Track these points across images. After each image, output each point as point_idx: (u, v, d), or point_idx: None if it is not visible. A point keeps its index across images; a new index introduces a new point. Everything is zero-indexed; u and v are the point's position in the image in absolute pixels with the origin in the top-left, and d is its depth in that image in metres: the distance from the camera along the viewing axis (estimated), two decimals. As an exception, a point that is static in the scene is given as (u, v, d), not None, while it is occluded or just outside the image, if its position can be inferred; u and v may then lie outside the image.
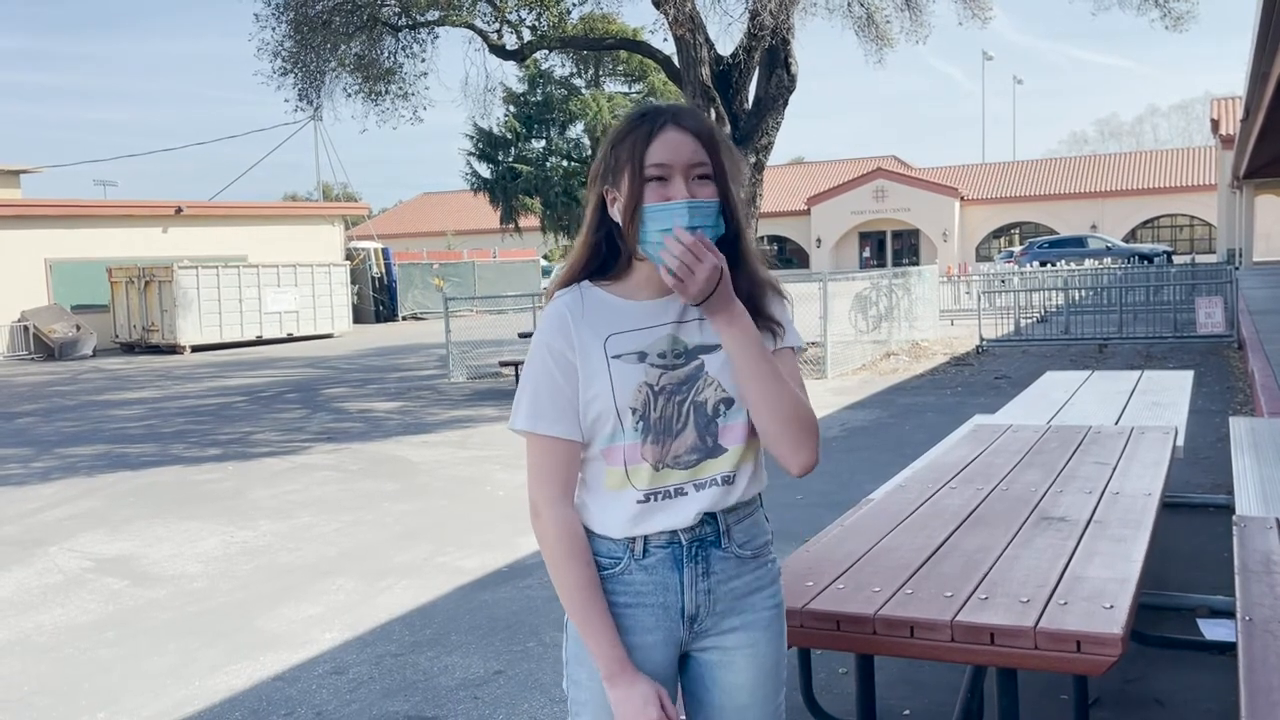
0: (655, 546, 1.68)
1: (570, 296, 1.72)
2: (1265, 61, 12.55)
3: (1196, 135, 76.68)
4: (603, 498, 1.70)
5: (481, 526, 6.14)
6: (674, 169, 1.63)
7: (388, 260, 31.04)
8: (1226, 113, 33.04)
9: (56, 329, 22.39)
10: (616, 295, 1.72)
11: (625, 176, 1.65)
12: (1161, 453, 3.76)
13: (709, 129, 1.69)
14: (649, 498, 1.67)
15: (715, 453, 1.69)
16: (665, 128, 1.65)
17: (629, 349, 1.67)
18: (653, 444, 1.67)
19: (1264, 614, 2.40)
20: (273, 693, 3.82)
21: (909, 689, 3.52)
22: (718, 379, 1.68)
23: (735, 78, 13.88)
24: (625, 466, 1.67)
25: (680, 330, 1.70)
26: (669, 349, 1.68)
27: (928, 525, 2.91)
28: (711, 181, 1.66)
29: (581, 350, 1.67)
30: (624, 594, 1.69)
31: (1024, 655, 2.10)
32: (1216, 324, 13.79)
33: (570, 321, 1.68)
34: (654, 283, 1.71)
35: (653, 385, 1.67)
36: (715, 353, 1.69)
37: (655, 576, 1.69)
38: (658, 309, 1.71)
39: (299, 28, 14.60)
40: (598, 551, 1.70)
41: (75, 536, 6.35)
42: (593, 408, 1.67)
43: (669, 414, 1.67)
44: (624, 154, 1.66)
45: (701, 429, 1.68)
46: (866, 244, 50.97)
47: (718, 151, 1.67)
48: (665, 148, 1.63)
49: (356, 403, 12.41)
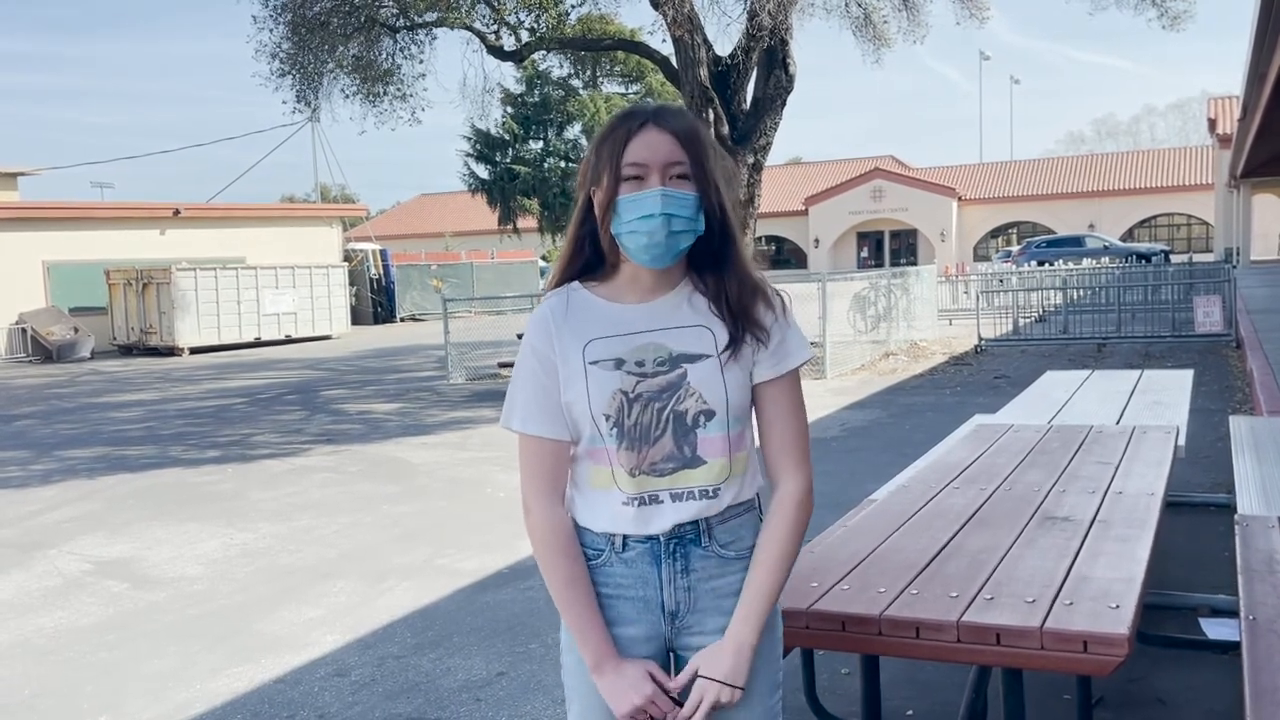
0: (634, 542, 1.71)
1: (556, 300, 1.75)
2: (1263, 61, 12.55)
3: (1194, 135, 76.76)
4: (589, 494, 1.73)
5: (481, 528, 6.14)
6: (650, 168, 1.65)
7: (386, 261, 31.01)
8: (1224, 112, 33.08)
9: (54, 331, 22.36)
10: (602, 298, 1.74)
11: (605, 176, 1.67)
12: (1163, 452, 3.76)
13: (689, 128, 1.69)
14: (632, 502, 1.69)
15: (694, 463, 1.69)
16: (644, 127, 1.66)
17: (606, 355, 1.69)
18: (628, 450, 1.68)
19: (1268, 613, 2.40)
20: (275, 695, 3.81)
21: (913, 689, 3.51)
22: (699, 390, 1.68)
23: (733, 78, 13.88)
24: (611, 467, 1.70)
25: (665, 337, 1.70)
26: (649, 357, 1.69)
27: (931, 525, 2.91)
28: (690, 181, 1.66)
29: (562, 354, 1.70)
30: (606, 585, 1.73)
31: (1030, 656, 2.09)
32: (1215, 323, 13.80)
33: (552, 325, 1.71)
34: (640, 285, 1.72)
35: (628, 392, 1.67)
36: (700, 362, 1.69)
37: (634, 570, 1.72)
38: (643, 314, 1.71)
39: (297, 29, 14.58)
40: (583, 543, 1.74)
41: (75, 539, 6.33)
42: (572, 411, 1.70)
43: (646, 421, 1.67)
44: (605, 154, 1.68)
45: (679, 438, 1.68)
46: (864, 244, 50.99)
47: (699, 150, 1.67)
48: (642, 147, 1.65)
49: (355, 404, 12.40)
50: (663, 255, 1.66)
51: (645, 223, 1.63)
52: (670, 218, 1.63)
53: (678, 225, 1.64)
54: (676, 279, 1.74)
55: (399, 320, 30.60)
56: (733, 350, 1.69)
